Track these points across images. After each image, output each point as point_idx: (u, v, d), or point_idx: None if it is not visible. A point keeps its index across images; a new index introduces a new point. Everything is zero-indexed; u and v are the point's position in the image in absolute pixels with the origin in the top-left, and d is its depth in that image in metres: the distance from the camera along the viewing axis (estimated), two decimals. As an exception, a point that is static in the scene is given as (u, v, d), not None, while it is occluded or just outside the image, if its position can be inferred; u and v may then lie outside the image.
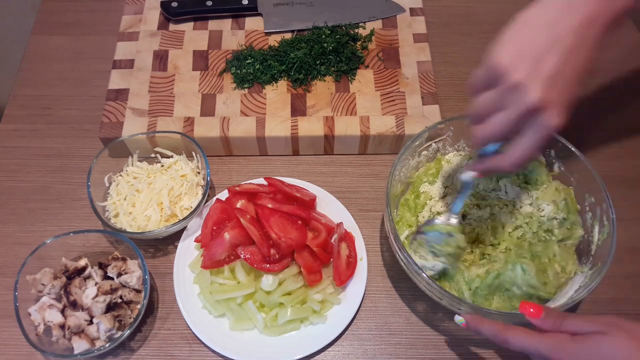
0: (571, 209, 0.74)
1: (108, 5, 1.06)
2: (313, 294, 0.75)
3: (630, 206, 0.86)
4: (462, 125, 0.79)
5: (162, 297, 0.79)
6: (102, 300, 0.71)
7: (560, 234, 0.74)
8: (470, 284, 0.71)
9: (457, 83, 0.99)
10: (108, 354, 0.74)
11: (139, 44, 0.95)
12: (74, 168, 0.89)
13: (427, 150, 0.80)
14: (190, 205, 0.81)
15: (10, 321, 0.74)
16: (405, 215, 0.78)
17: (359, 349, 0.75)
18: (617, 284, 0.79)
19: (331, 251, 0.77)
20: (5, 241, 0.82)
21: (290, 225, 0.76)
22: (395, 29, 0.98)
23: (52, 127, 0.93)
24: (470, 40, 1.04)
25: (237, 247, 0.74)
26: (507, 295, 0.70)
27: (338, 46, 0.93)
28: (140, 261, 0.74)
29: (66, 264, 0.74)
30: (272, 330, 0.73)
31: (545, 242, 0.73)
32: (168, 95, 0.90)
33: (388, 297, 0.79)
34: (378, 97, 0.90)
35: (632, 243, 0.82)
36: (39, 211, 0.85)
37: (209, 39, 0.96)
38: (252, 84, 0.91)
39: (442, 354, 0.75)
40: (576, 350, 0.54)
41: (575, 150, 0.73)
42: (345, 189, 0.88)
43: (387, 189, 0.72)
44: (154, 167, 0.85)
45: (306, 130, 0.86)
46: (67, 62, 1.00)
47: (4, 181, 0.88)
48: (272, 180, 0.82)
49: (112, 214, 0.80)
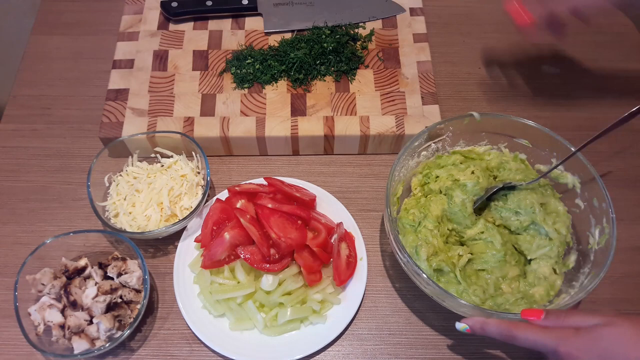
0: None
1: (108, 5, 1.06)
2: (313, 293, 0.75)
3: (630, 206, 0.86)
4: (461, 125, 0.79)
5: (162, 297, 0.79)
6: (102, 300, 0.71)
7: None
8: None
9: (457, 83, 0.99)
10: (108, 354, 0.74)
11: (139, 44, 0.95)
12: (74, 168, 0.89)
13: (427, 151, 0.80)
14: (190, 205, 0.81)
15: (10, 321, 0.74)
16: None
17: (359, 348, 0.75)
18: (617, 284, 0.79)
19: (331, 251, 0.77)
20: (5, 241, 0.82)
21: (290, 225, 0.76)
22: (395, 29, 0.98)
23: (52, 127, 0.93)
24: (470, 40, 1.04)
25: (237, 247, 0.75)
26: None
27: (338, 46, 0.93)
28: (140, 261, 0.74)
29: (66, 264, 0.74)
30: (272, 330, 0.73)
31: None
32: (168, 95, 0.90)
33: (388, 297, 0.79)
34: (378, 97, 0.90)
35: (632, 243, 0.82)
36: (38, 211, 0.85)
37: (209, 38, 0.96)
38: (252, 84, 0.91)
39: (442, 354, 0.75)
40: (582, 341, 0.54)
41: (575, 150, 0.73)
42: (345, 189, 0.88)
43: (387, 189, 0.72)
44: (154, 167, 0.85)
45: (306, 130, 0.86)
46: (67, 62, 1.00)
47: (4, 181, 0.88)
48: (272, 180, 0.82)
49: (112, 214, 0.80)
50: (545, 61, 1.02)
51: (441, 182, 0.79)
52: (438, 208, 0.77)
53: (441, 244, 0.75)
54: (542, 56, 1.02)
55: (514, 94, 0.98)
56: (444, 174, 0.79)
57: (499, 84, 0.99)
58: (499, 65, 1.01)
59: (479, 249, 0.75)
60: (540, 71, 1.00)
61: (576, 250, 0.75)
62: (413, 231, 0.76)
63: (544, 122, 0.77)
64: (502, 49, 1.03)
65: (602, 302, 0.78)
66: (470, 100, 0.97)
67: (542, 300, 0.71)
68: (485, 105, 0.96)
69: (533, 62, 1.01)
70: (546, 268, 0.73)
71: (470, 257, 0.74)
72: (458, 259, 0.73)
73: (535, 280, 0.73)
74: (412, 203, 0.79)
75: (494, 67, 1.01)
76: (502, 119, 0.78)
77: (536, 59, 1.02)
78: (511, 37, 1.04)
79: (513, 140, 0.80)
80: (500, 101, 0.97)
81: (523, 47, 1.03)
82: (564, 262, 0.75)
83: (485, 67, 1.01)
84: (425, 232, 0.74)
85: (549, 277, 0.73)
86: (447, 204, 0.77)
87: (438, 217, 0.76)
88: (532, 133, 0.78)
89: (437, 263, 0.72)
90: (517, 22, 0.76)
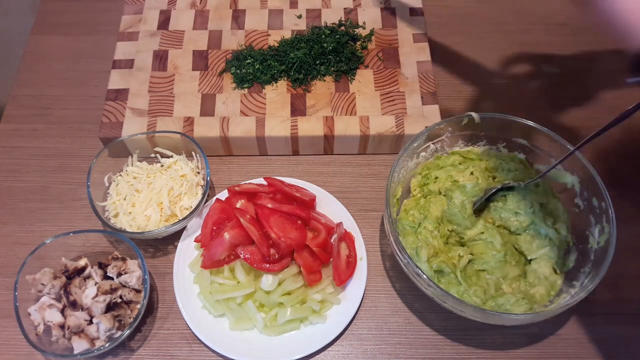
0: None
1: (108, 5, 1.06)
2: (313, 293, 0.75)
3: (630, 206, 0.86)
4: (460, 125, 0.79)
5: (162, 297, 0.79)
6: (102, 300, 0.71)
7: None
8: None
9: (457, 83, 0.99)
10: (108, 353, 0.74)
11: (138, 44, 0.95)
12: (73, 168, 0.89)
13: (426, 152, 0.80)
14: (190, 205, 0.81)
15: (10, 321, 0.74)
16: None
17: (359, 348, 0.75)
18: (617, 284, 0.79)
19: (331, 251, 0.77)
20: (5, 241, 0.82)
21: (290, 225, 0.76)
22: (395, 29, 0.98)
23: (51, 127, 0.93)
24: (470, 40, 1.04)
25: (237, 247, 0.75)
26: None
27: (338, 46, 0.93)
28: (140, 261, 0.74)
29: (66, 263, 0.74)
30: (272, 330, 0.73)
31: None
32: (168, 95, 0.90)
33: (388, 297, 0.79)
34: (378, 97, 0.90)
35: (632, 243, 0.82)
36: (38, 211, 0.85)
37: (209, 38, 0.96)
38: (252, 84, 0.91)
39: (442, 354, 0.75)
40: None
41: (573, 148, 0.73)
42: (345, 189, 0.88)
43: (387, 190, 0.72)
44: (153, 167, 0.85)
45: (306, 130, 0.86)
46: (67, 62, 1.00)
47: (3, 181, 0.88)
48: (272, 180, 0.82)
49: (112, 214, 0.80)
50: (545, 61, 1.02)
51: (440, 183, 0.79)
52: (438, 209, 0.77)
53: (441, 245, 0.75)
54: (542, 56, 1.02)
55: (513, 94, 0.98)
56: (443, 175, 0.79)
57: (499, 84, 0.99)
58: (499, 65, 1.01)
59: (479, 250, 0.75)
60: (540, 71, 1.00)
61: (576, 249, 0.75)
62: (413, 232, 0.76)
63: (543, 122, 0.77)
64: (502, 49, 1.03)
65: (603, 301, 0.78)
66: (470, 100, 0.97)
67: (542, 300, 0.71)
68: (485, 106, 0.96)
69: (533, 62, 1.01)
70: (546, 268, 0.73)
71: (470, 257, 0.74)
72: (458, 260, 0.73)
73: (535, 280, 0.73)
74: (412, 204, 0.79)
75: (493, 67, 1.01)
76: (501, 119, 0.78)
77: (536, 59, 1.02)
78: (511, 37, 1.04)
79: (512, 140, 0.80)
80: (500, 101, 0.97)
81: (523, 47, 1.03)
82: (564, 262, 0.75)
83: (485, 67, 1.01)
84: (426, 233, 0.74)
85: (550, 277, 0.73)
86: (447, 205, 0.77)
87: (438, 218, 0.76)
88: (531, 133, 0.78)
89: (437, 264, 0.72)
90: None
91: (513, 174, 0.80)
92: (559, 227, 0.76)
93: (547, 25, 1.06)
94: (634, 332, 0.76)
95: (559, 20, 1.07)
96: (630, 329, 0.77)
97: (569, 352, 0.75)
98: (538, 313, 0.66)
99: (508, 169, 0.80)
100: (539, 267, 0.74)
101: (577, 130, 0.93)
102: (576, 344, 0.76)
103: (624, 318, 0.77)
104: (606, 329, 0.77)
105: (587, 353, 0.75)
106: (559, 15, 1.08)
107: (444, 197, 0.78)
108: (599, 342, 0.76)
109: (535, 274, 0.74)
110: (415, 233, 0.75)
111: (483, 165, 0.81)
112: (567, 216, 0.76)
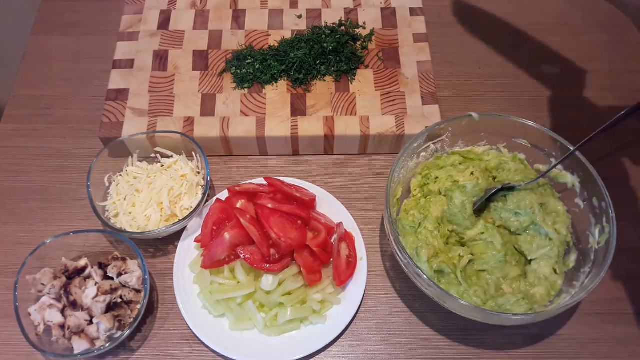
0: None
1: (108, 5, 1.06)
2: (313, 294, 0.75)
3: (630, 206, 0.86)
4: (460, 125, 0.79)
5: (162, 297, 0.79)
6: (102, 300, 0.71)
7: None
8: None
9: (457, 83, 0.99)
10: (108, 354, 0.74)
11: (139, 44, 0.95)
12: (73, 168, 0.89)
13: (426, 152, 0.80)
14: (190, 205, 0.81)
15: (10, 321, 0.74)
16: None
17: (359, 349, 0.75)
18: (617, 284, 0.79)
19: (331, 251, 0.77)
20: (5, 241, 0.82)
21: (290, 225, 0.76)
22: (395, 29, 0.98)
23: (51, 127, 0.93)
24: (470, 40, 1.04)
25: (237, 247, 0.75)
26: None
27: (338, 46, 0.93)
28: (140, 261, 0.74)
29: (66, 264, 0.74)
30: (272, 330, 0.73)
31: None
32: (168, 95, 0.90)
33: (388, 297, 0.79)
34: (378, 97, 0.90)
35: (632, 243, 0.82)
36: (38, 211, 0.85)
37: (209, 38, 0.96)
38: (252, 84, 0.91)
39: (442, 354, 0.75)
40: None
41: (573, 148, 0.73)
42: (345, 189, 0.88)
43: (387, 190, 0.72)
44: (153, 167, 0.85)
45: (306, 130, 0.86)
46: (67, 62, 1.00)
47: (3, 181, 0.88)
48: (272, 180, 0.82)
49: (112, 214, 0.80)
50: (545, 61, 1.02)
51: (440, 184, 0.79)
52: (438, 209, 0.77)
53: (441, 245, 0.75)
54: (542, 56, 1.02)
55: (513, 94, 0.98)
56: (444, 175, 0.79)
57: (499, 84, 0.99)
58: (499, 65, 1.01)
59: (480, 250, 0.75)
60: (540, 71, 1.00)
61: (576, 249, 0.75)
62: (413, 232, 0.76)
63: (543, 122, 0.77)
64: (502, 49, 1.03)
65: (603, 301, 0.78)
66: (470, 100, 0.97)
67: (543, 301, 0.71)
68: (485, 106, 0.96)
69: (533, 62, 1.01)
70: (547, 268, 0.73)
71: (470, 258, 0.74)
72: (459, 260, 0.73)
73: (536, 280, 0.73)
74: (412, 204, 0.79)
75: (493, 67, 1.01)
76: (501, 119, 0.78)
77: (536, 59, 1.02)
78: (511, 37, 1.04)
79: (512, 140, 0.80)
80: (500, 101, 0.97)
81: (522, 47, 1.03)
82: (564, 262, 0.75)
83: (485, 67, 1.01)
84: (426, 233, 0.74)
85: (550, 277, 0.73)
86: (447, 205, 0.77)
87: (438, 218, 0.76)
88: (531, 133, 0.78)
89: (437, 264, 0.72)
90: None
91: (513, 174, 0.80)
92: (559, 227, 0.75)
93: (547, 25, 1.06)
94: (634, 332, 0.76)
95: (559, 20, 1.07)
96: (630, 329, 0.77)
97: (569, 352, 0.75)
98: (538, 313, 0.66)
99: (508, 169, 0.80)
100: (539, 267, 0.74)
101: (577, 130, 0.92)
102: (576, 344, 0.76)
103: (624, 318, 0.77)
104: (606, 329, 0.77)
105: (587, 353, 0.75)
106: (559, 15, 1.08)
107: (444, 197, 0.78)
108: (599, 342, 0.76)
109: (535, 274, 0.74)
110: (415, 233, 0.75)
111: (483, 166, 0.81)
112: (567, 216, 0.76)
